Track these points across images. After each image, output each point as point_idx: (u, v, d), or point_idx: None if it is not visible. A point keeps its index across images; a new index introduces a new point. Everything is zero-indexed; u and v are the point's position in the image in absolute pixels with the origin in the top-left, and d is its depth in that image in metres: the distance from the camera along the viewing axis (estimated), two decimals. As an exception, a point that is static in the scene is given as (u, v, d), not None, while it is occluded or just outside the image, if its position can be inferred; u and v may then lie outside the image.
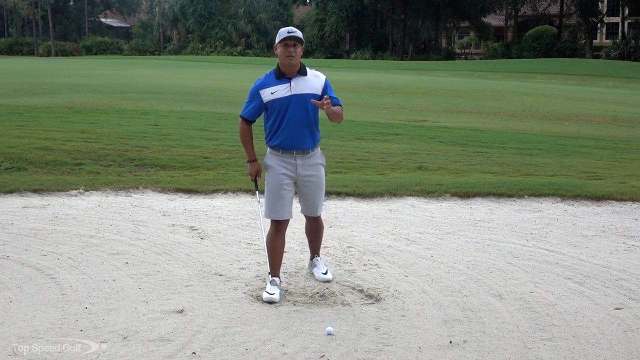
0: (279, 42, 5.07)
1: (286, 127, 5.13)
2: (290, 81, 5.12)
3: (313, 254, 5.64)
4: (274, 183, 5.20)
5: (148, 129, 13.49)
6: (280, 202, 5.20)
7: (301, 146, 5.18)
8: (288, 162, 5.21)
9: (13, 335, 4.37)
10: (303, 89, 5.12)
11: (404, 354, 4.24)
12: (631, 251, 6.55)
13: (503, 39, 74.26)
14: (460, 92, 27.72)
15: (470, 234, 7.05)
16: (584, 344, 4.42)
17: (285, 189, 5.21)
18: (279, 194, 5.19)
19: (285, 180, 5.21)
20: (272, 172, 5.23)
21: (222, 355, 4.16)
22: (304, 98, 5.11)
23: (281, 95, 5.11)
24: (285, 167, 5.20)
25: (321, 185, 5.33)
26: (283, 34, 5.06)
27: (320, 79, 5.20)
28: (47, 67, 41.76)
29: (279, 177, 5.19)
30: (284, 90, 5.11)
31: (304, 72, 5.15)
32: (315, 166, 5.27)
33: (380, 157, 11.42)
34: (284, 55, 5.06)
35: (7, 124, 13.39)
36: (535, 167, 10.88)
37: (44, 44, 74.97)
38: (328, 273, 5.49)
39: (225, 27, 75.16)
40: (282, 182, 5.19)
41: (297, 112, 5.12)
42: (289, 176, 5.21)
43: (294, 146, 5.17)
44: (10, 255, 6.00)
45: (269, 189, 5.25)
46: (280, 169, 5.20)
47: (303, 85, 5.12)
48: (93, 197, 8.34)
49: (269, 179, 5.25)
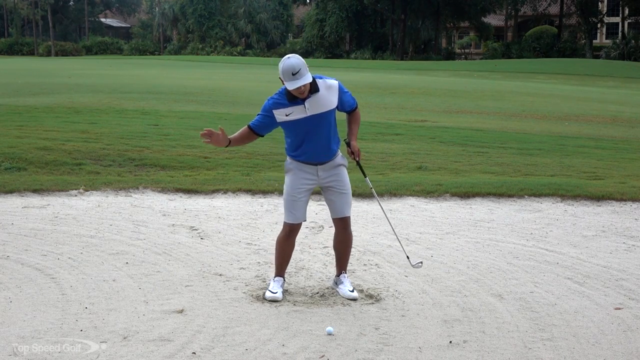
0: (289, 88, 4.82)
1: (306, 145, 5.02)
2: (304, 103, 4.92)
3: (340, 271, 5.36)
4: (293, 186, 5.12)
5: (148, 129, 13.50)
6: (297, 205, 5.13)
7: (324, 159, 5.09)
8: (307, 168, 5.12)
9: (13, 335, 4.37)
10: (319, 108, 4.94)
11: (404, 354, 4.24)
12: (631, 251, 6.55)
13: (503, 39, 74.25)
14: (460, 92, 27.72)
15: (470, 234, 7.05)
16: (584, 344, 4.42)
17: (303, 193, 5.13)
18: (296, 197, 5.12)
19: (305, 184, 5.12)
20: (292, 176, 5.13)
21: (222, 355, 4.16)
22: (321, 117, 4.96)
23: (297, 117, 4.94)
24: (307, 171, 5.11)
25: (345, 185, 5.20)
26: (291, 84, 4.76)
27: (333, 89, 5.00)
28: (47, 67, 41.76)
29: (299, 181, 5.10)
30: (299, 112, 4.93)
31: (315, 89, 4.92)
32: (337, 168, 5.17)
33: (380, 157, 11.42)
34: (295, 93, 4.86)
35: (7, 124, 13.39)
36: (535, 167, 10.88)
37: (44, 44, 74.96)
38: (355, 291, 5.21)
39: (225, 27, 75.14)
40: (301, 187, 5.11)
41: (316, 132, 4.99)
42: (309, 179, 5.12)
43: (315, 159, 5.08)
44: (10, 255, 6.00)
45: (287, 191, 5.15)
46: (301, 173, 5.10)
47: (318, 105, 4.94)
48: (93, 197, 8.34)
49: (289, 182, 5.15)
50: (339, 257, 5.37)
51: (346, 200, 5.23)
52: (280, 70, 4.81)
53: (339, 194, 5.18)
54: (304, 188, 5.13)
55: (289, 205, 5.16)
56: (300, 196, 5.13)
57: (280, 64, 4.83)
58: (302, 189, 5.12)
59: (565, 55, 63.70)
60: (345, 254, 5.36)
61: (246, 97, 21.89)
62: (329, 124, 5.04)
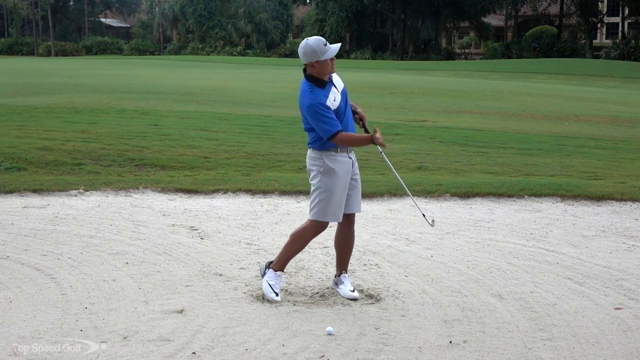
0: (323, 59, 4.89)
1: (345, 124, 5.05)
2: (332, 84, 5.05)
3: (340, 271, 5.33)
4: (340, 186, 5.07)
5: (148, 129, 13.49)
6: (341, 205, 5.11)
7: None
8: (347, 163, 5.11)
9: (13, 335, 4.37)
10: (340, 84, 5.12)
11: (404, 354, 4.24)
12: (631, 251, 6.55)
13: (503, 39, 74.26)
14: (460, 92, 27.72)
15: (470, 234, 7.05)
16: (584, 344, 4.42)
17: (346, 192, 5.14)
18: (342, 197, 5.10)
19: (349, 182, 5.13)
20: (336, 176, 5.05)
21: (222, 355, 4.16)
22: (345, 94, 5.15)
23: (339, 98, 5.05)
24: (347, 167, 5.11)
25: (359, 180, 5.31)
26: (323, 50, 4.88)
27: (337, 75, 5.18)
28: (47, 67, 41.76)
29: (346, 181, 5.09)
30: (335, 93, 5.03)
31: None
32: (357, 161, 5.28)
33: (381, 157, 11.40)
34: (329, 68, 4.95)
35: (7, 124, 13.39)
36: (535, 167, 10.88)
37: (44, 44, 74.95)
38: (355, 291, 5.21)
39: (225, 27, 75.13)
40: (345, 186, 5.10)
41: (347, 107, 5.15)
42: (349, 173, 5.13)
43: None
44: (10, 255, 6.00)
45: (333, 192, 5.05)
46: (345, 172, 5.09)
47: (338, 83, 5.12)
48: (93, 197, 8.35)
49: (334, 182, 5.05)
50: (341, 256, 5.35)
51: (359, 195, 5.28)
52: (308, 51, 4.88)
53: (356, 189, 5.23)
54: (348, 184, 5.13)
55: (336, 205, 5.07)
56: (345, 194, 5.12)
57: (305, 46, 4.91)
58: (346, 186, 5.11)
59: (565, 55, 63.69)
60: (347, 253, 5.35)
61: (246, 97, 21.88)
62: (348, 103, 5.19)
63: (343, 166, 5.09)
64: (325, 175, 5.06)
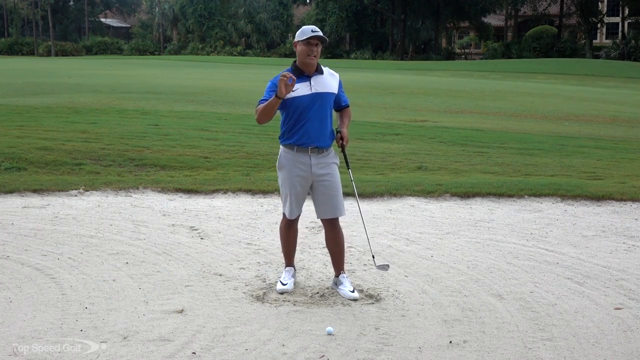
0: (302, 40, 5.01)
1: (306, 124, 5.06)
2: (309, 79, 5.08)
3: (338, 271, 5.33)
4: (288, 185, 5.17)
5: (148, 129, 13.50)
6: (295, 202, 5.21)
7: (319, 144, 5.10)
8: (302, 162, 5.11)
9: (13, 335, 4.37)
10: (323, 87, 5.11)
11: (404, 354, 4.24)
12: (631, 251, 6.55)
13: (503, 39, 74.23)
14: (460, 92, 27.73)
15: (470, 234, 7.05)
16: (584, 344, 4.42)
17: (298, 190, 5.17)
18: (293, 195, 5.18)
19: (299, 182, 5.15)
20: (285, 173, 5.17)
21: (222, 355, 4.16)
22: (324, 97, 5.10)
23: (303, 93, 5.04)
24: (299, 167, 5.12)
25: (337, 184, 5.20)
26: (307, 33, 5.01)
27: (335, 78, 5.22)
28: (47, 67, 41.76)
29: (292, 179, 5.14)
30: (304, 88, 5.05)
31: (320, 70, 5.14)
32: (329, 165, 5.19)
33: (380, 157, 11.42)
34: (305, 54, 5.02)
35: (7, 124, 13.40)
36: (535, 167, 10.88)
37: (44, 44, 74.96)
38: (355, 292, 5.20)
39: (225, 27, 75.14)
40: (295, 183, 5.15)
41: (317, 111, 5.08)
42: (302, 177, 5.13)
43: (311, 143, 5.08)
44: (10, 255, 6.00)
45: (283, 189, 5.24)
46: (294, 170, 5.13)
47: (322, 84, 5.11)
48: (93, 197, 8.35)
49: (283, 179, 5.20)
50: (334, 256, 5.36)
51: (337, 197, 5.21)
52: (299, 33, 5.06)
53: (329, 192, 5.18)
54: (299, 183, 5.15)
55: (287, 201, 5.23)
56: (297, 192, 5.17)
57: (299, 31, 5.10)
58: (297, 184, 5.15)
59: (565, 55, 63.70)
60: (339, 253, 5.34)
61: (246, 97, 21.88)
62: (329, 107, 5.16)
63: (295, 165, 5.12)
64: (279, 170, 5.25)
